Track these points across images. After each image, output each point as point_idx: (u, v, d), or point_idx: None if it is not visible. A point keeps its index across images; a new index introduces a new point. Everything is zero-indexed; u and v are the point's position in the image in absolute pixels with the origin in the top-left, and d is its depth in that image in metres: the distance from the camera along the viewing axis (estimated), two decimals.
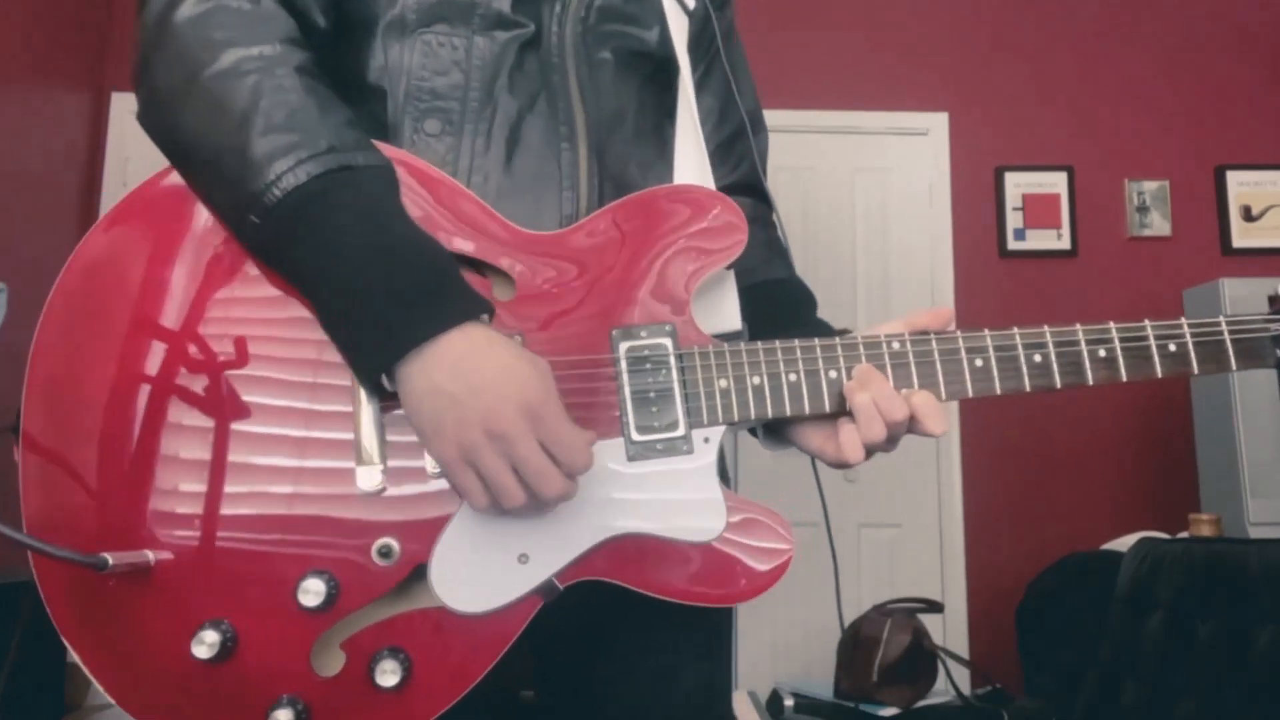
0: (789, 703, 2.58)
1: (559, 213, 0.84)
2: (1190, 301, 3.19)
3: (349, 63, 0.87)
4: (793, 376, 0.80)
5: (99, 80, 3.46)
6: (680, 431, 0.77)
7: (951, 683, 2.67)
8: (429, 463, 0.73)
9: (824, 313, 0.97)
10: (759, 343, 0.80)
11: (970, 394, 0.81)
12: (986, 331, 0.82)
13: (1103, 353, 0.82)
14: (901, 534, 3.47)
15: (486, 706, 0.76)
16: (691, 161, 0.92)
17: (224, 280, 0.75)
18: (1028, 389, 0.81)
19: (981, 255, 3.61)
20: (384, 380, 0.71)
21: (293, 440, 0.73)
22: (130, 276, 0.75)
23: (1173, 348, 0.82)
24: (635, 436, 0.77)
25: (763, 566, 0.77)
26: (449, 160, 0.83)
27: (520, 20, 0.87)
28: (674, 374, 0.78)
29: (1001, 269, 3.61)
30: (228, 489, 0.72)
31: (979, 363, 0.81)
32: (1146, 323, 0.82)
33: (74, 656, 0.71)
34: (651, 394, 0.78)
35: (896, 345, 0.81)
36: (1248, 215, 3.66)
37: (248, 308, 0.75)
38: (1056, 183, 3.64)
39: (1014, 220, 3.63)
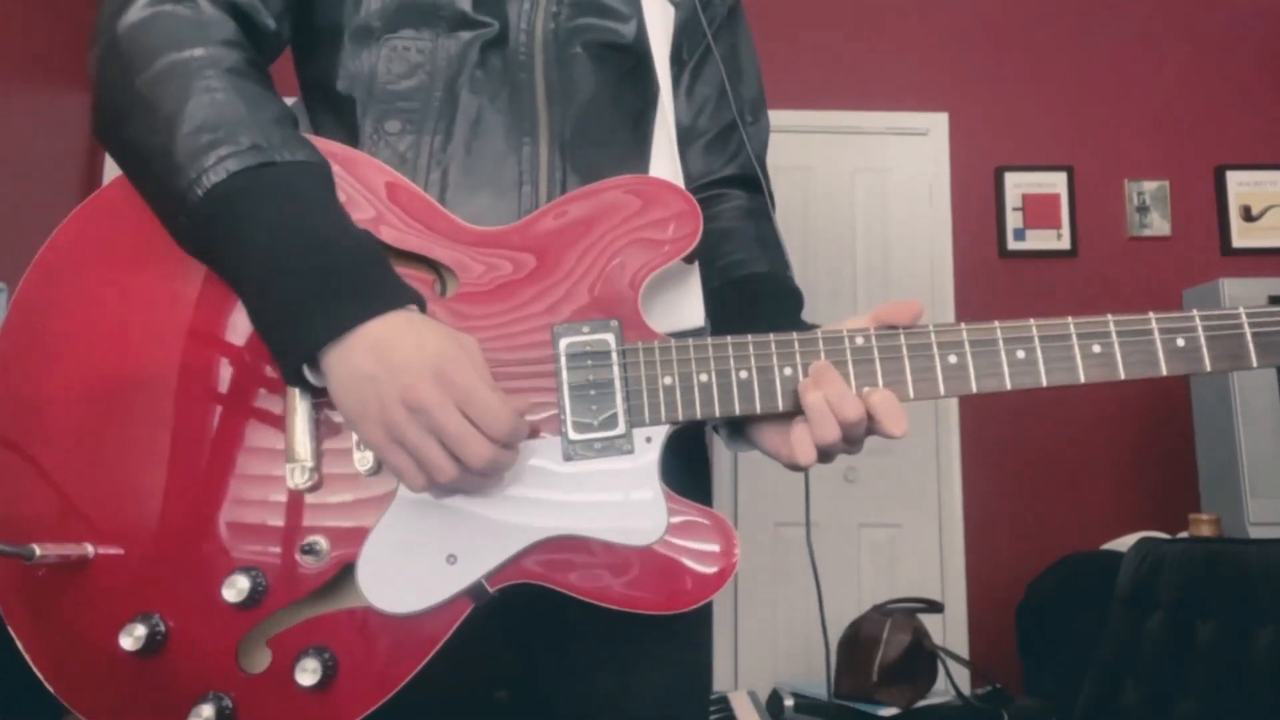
0: (789, 703, 2.58)
1: (518, 209, 0.84)
2: (1190, 301, 3.20)
3: (318, 72, 0.88)
4: (744, 374, 0.76)
5: None
6: (619, 430, 0.75)
7: (951, 683, 2.67)
8: (359, 461, 0.73)
9: (824, 313, 0.96)
10: (709, 338, 0.77)
11: (942, 393, 0.76)
12: (963, 325, 0.76)
13: (1097, 348, 0.75)
14: (901, 534, 3.47)
15: (463, 707, 0.76)
16: (664, 155, 0.91)
17: (166, 282, 0.77)
18: (1009, 387, 0.75)
19: (981, 255, 3.61)
20: (307, 373, 0.70)
21: (225, 437, 0.74)
22: (79, 280, 0.77)
23: (1181, 342, 0.75)
24: (572, 435, 0.75)
25: (706, 571, 0.74)
26: (409, 157, 0.83)
27: (483, 20, 0.86)
28: (615, 370, 0.76)
29: (1001, 269, 3.61)
30: (162, 485, 0.74)
31: (953, 359, 0.76)
32: (1151, 315, 0.75)
33: (19, 646, 0.73)
34: (591, 391, 0.75)
35: (860, 340, 0.77)
36: (1247, 215, 3.65)
37: (188, 308, 0.76)
38: (1056, 183, 3.64)
39: (1014, 220, 3.62)
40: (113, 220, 0.79)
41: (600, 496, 0.74)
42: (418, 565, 0.72)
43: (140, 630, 0.70)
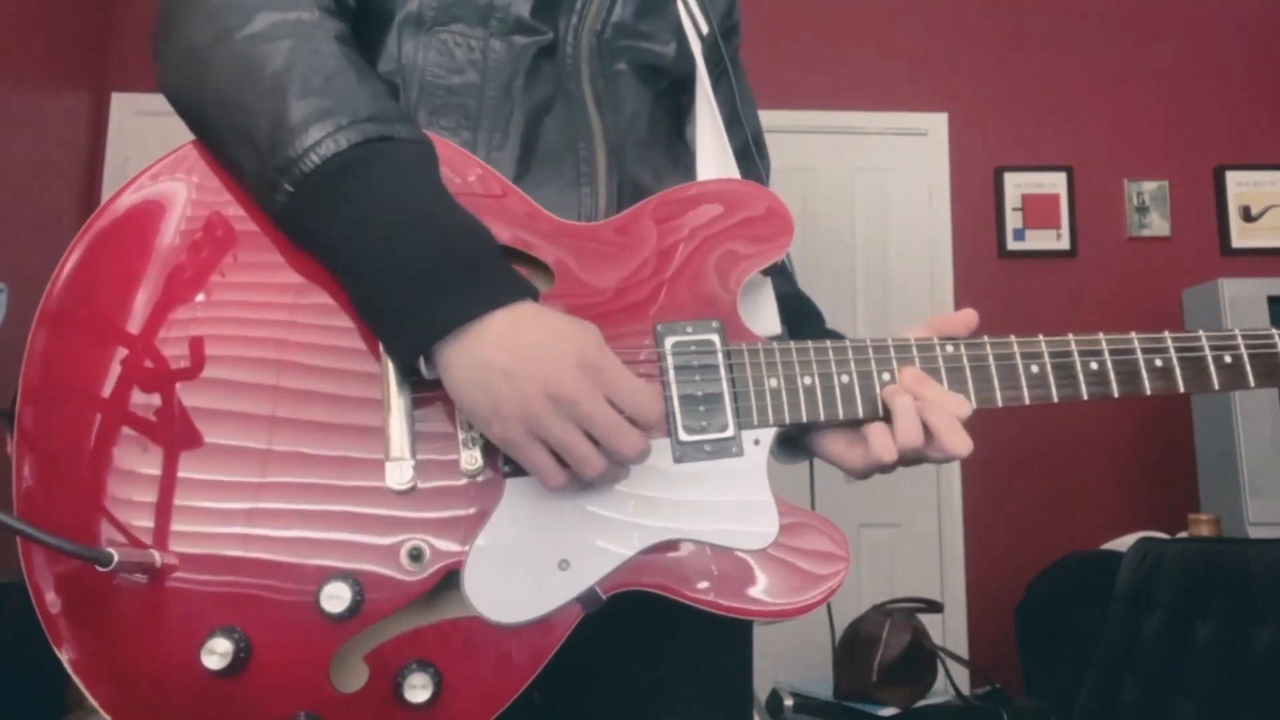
0: (789, 703, 2.58)
1: (577, 210, 0.83)
2: (1190, 302, 3.19)
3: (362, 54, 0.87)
4: (845, 378, 0.76)
5: (99, 80, 3.46)
6: (730, 433, 0.74)
7: (951, 683, 2.66)
8: (466, 460, 0.69)
9: (823, 313, 0.97)
10: (809, 342, 0.77)
11: (1027, 401, 0.78)
12: (1041, 337, 0.79)
13: (1159, 363, 0.79)
14: (901, 534, 3.47)
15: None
16: (714, 165, 0.91)
17: (237, 269, 0.71)
18: (1085, 398, 0.78)
19: (981, 255, 3.61)
20: (420, 364, 0.67)
21: (316, 437, 0.68)
22: (135, 265, 0.70)
23: (1228, 359, 0.80)
24: (683, 437, 0.73)
25: (821, 574, 0.73)
26: None
27: (539, 27, 0.86)
28: (722, 371, 0.75)
29: (1001, 269, 3.61)
30: (241, 485, 0.67)
31: (1034, 369, 0.78)
32: (1201, 333, 0.80)
33: (66, 667, 0.66)
34: (699, 393, 0.74)
35: (950, 349, 0.78)
36: (1247, 215, 3.65)
37: (263, 296, 0.70)
38: (1056, 183, 3.64)
39: (1013, 220, 3.62)
40: (168, 202, 0.72)
41: (712, 499, 0.72)
42: (528, 572, 0.68)
43: (224, 646, 0.63)
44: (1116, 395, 0.78)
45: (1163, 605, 2.25)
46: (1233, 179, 3.66)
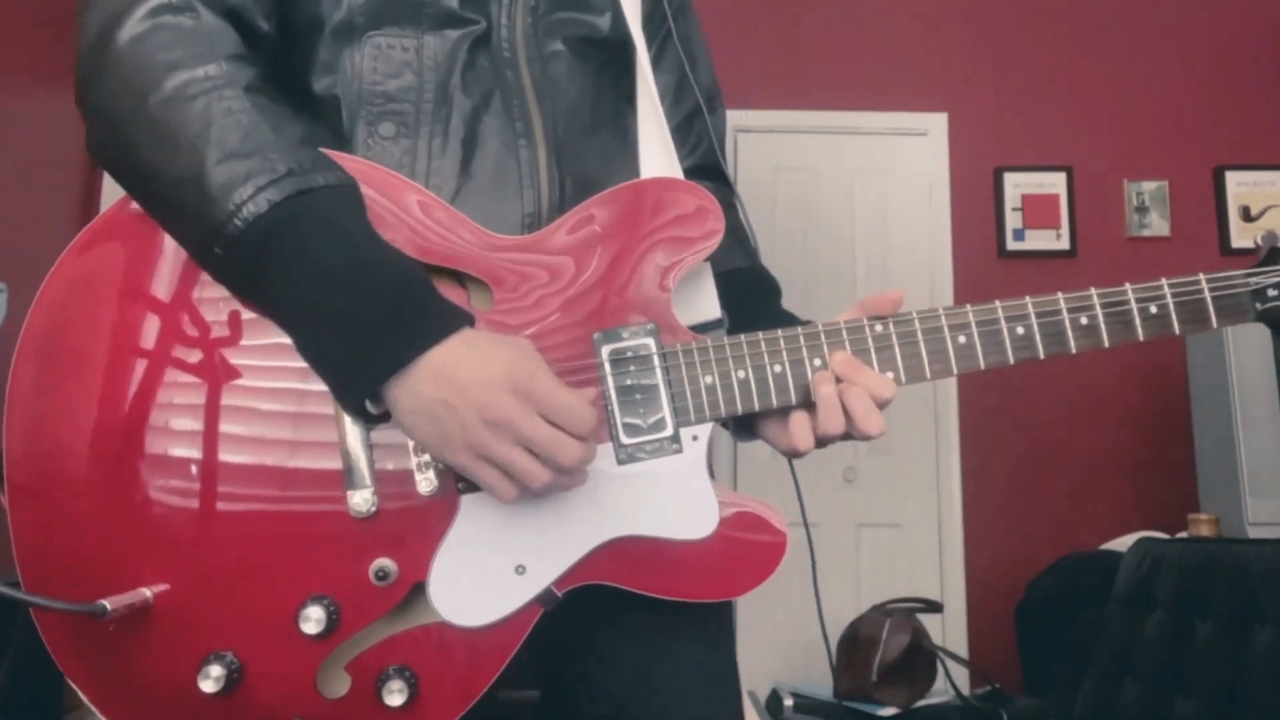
0: (789, 702, 2.58)
1: (520, 212, 0.83)
2: None
3: (295, 70, 0.85)
4: (778, 368, 0.80)
5: None
6: (668, 431, 0.77)
7: (951, 683, 2.67)
8: (422, 483, 0.73)
9: (824, 313, 0.97)
10: (742, 335, 0.80)
11: (955, 371, 0.81)
12: (969, 307, 0.82)
13: (1084, 320, 0.81)
14: (901, 534, 3.47)
15: (487, 710, 0.76)
16: (655, 147, 0.92)
17: (201, 310, 0.74)
18: (1011, 362, 0.81)
19: (981, 255, 3.61)
20: (367, 404, 0.70)
21: (282, 468, 0.73)
22: (104, 310, 0.74)
23: (1154, 309, 0.82)
24: (624, 440, 0.77)
25: (759, 558, 0.78)
26: (405, 164, 0.82)
27: (470, 16, 0.86)
28: (658, 374, 0.78)
29: (1001, 269, 3.61)
30: (221, 521, 0.72)
31: (962, 339, 0.81)
32: (1127, 286, 0.82)
33: (83, 698, 0.71)
34: (637, 395, 0.77)
35: (880, 328, 0.81)
36: (1247, 215, 3.66)
37: (226, 336, 0.74)
38: (1056, 183, 3.64)
39: (1013, 220, 3.63)
40: (120, 246, 0.75)
41: (655, 496, 0.77)
42: (488, 578, 0.74)
43: (217, 670, 0.69)
44: (1043, 357, 0.81)
45: (1163, 605, 2.25)
46: (1232, 179, 3.66)
